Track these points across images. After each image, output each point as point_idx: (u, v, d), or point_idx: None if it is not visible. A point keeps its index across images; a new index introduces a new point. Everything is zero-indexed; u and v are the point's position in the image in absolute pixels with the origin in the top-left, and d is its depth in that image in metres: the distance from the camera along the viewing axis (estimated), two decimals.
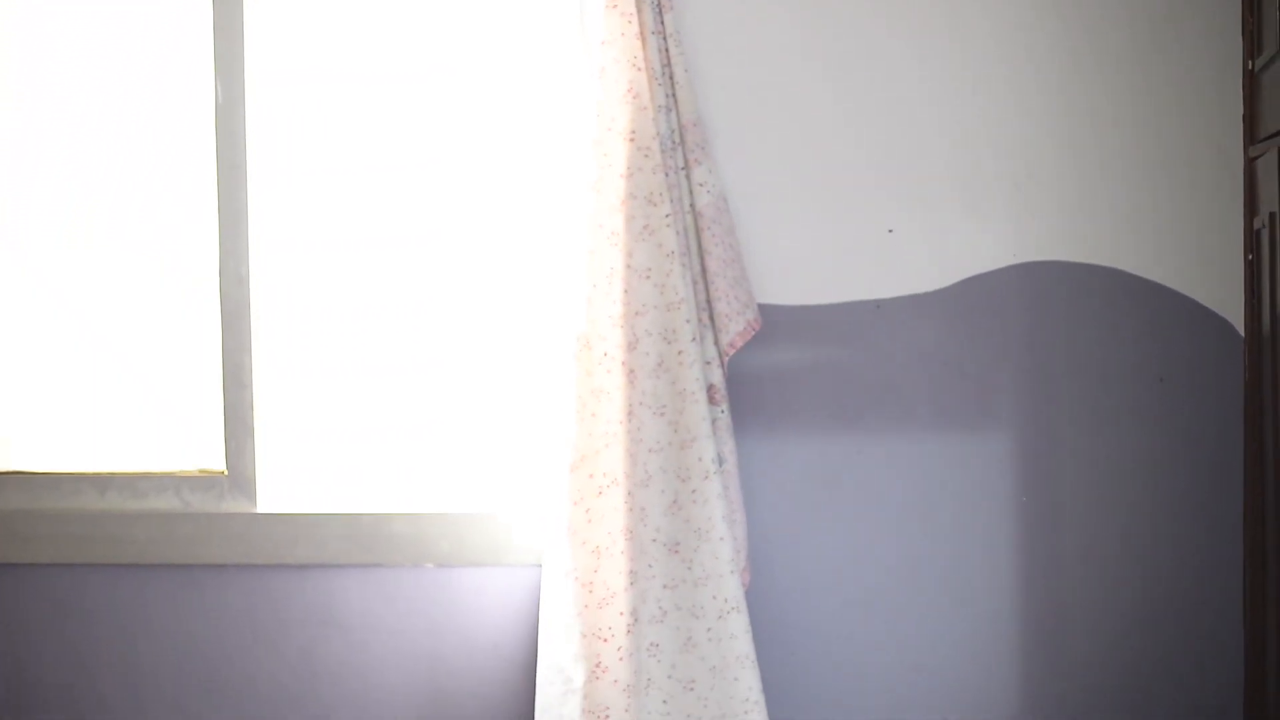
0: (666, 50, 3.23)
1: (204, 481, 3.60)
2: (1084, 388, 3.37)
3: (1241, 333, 3.31)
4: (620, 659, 3.06)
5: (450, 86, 3.53)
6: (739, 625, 3.15)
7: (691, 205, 3.26)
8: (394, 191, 3.56)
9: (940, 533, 3.41)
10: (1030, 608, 3.40)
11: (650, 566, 3.16)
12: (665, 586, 3.18)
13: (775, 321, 3.41)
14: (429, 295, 3.57)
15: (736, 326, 3.28)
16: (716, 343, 3.27)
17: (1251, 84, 3.22)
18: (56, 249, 3.66)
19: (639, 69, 3.18)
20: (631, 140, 3.17)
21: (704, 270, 3.26)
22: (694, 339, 3.17)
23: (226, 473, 3.59)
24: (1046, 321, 3.38)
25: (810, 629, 3.45)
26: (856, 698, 3.45)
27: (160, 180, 3.61)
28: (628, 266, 3.16)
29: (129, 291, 3.65)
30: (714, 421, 3.23)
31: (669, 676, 3.18)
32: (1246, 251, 3.27)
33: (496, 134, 3.52)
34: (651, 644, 3.16)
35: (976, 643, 3.42)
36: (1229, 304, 3.33)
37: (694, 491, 3.17)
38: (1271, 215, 3.05)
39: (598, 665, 3.08)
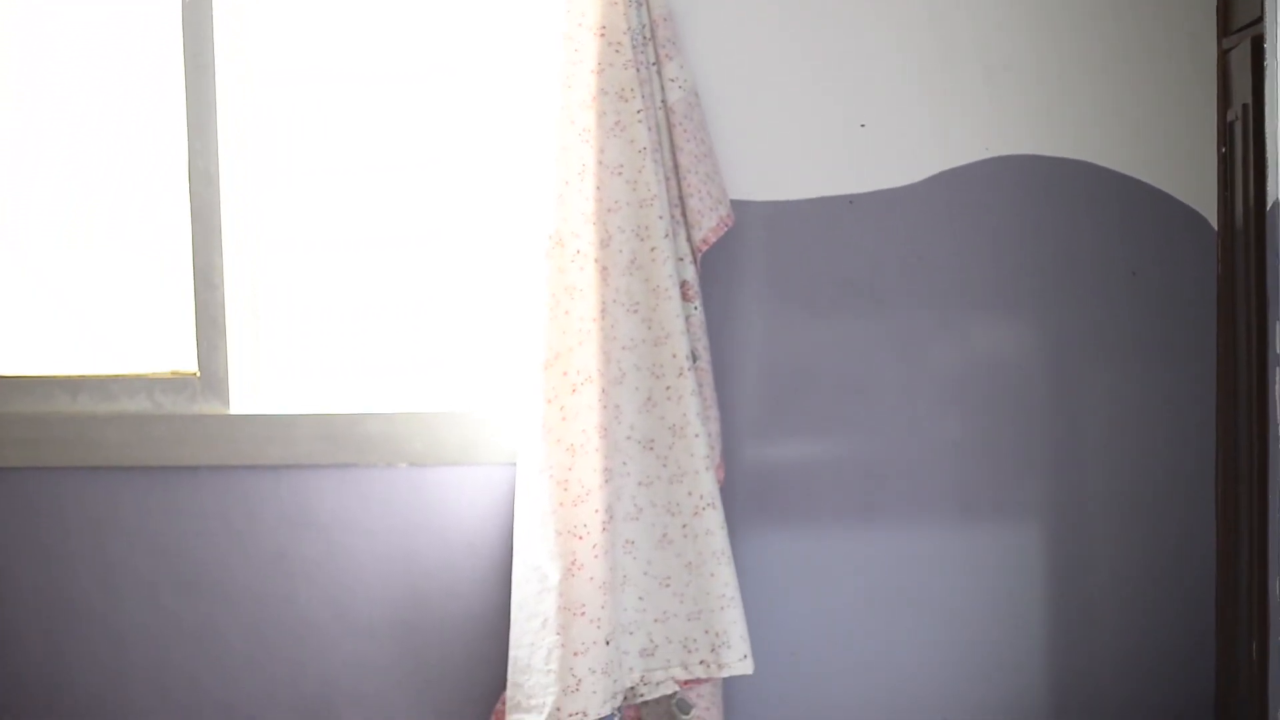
0: None
1: (176, 383, 3.59)
2: (1056, 281, 3.37)
3: (1214, 226, 3.31)
4: (596, 556, 3.07)
5: None
6: (714, 521, 3.16)
7: (663, 101, 3.24)
8: (365, 89, 3.53)
9: (916, 423, 3.42)
10: (1001, 494, 3.41)
11: (625, 464, 3.16)
12: (640, 483, 3.18)
13: (748, 217, 3.40)
14: (400, 194, 3.55)
15: (709, 223, 3.27)
16: (689, 239, 3.27)
17: None
18: (24, 149, 3.63)
19: None
20: (602, 35, 3.14)
21: (676, 166, 3.25)
22: (666, 235, 3.16)
23: (199, 374, 3.58)
24: (1019, 215, 3.37)
25: (783, 522, 3.46)
26: (830, 591, 3.47)
27: (124, 78, 3.57)
28: (599, 163, 3.15)
29: (98, 191, 3.62)
30: (687, 318, 3.23)
31: (645, 573, 3.19)
32: (1220, 144, 3.26)
33: (464, 27, 3.49)
34: (627, 541, 3.16)
35: (955, 533, 3.43)
36: (1202, 197, 3.33)
37: (668, 388, 3.17)
38: (1245, 107, 3.04)
39: (573, 562, 3.08)
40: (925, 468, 3.42)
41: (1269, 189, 2.81)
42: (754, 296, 3.43)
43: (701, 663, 3.19)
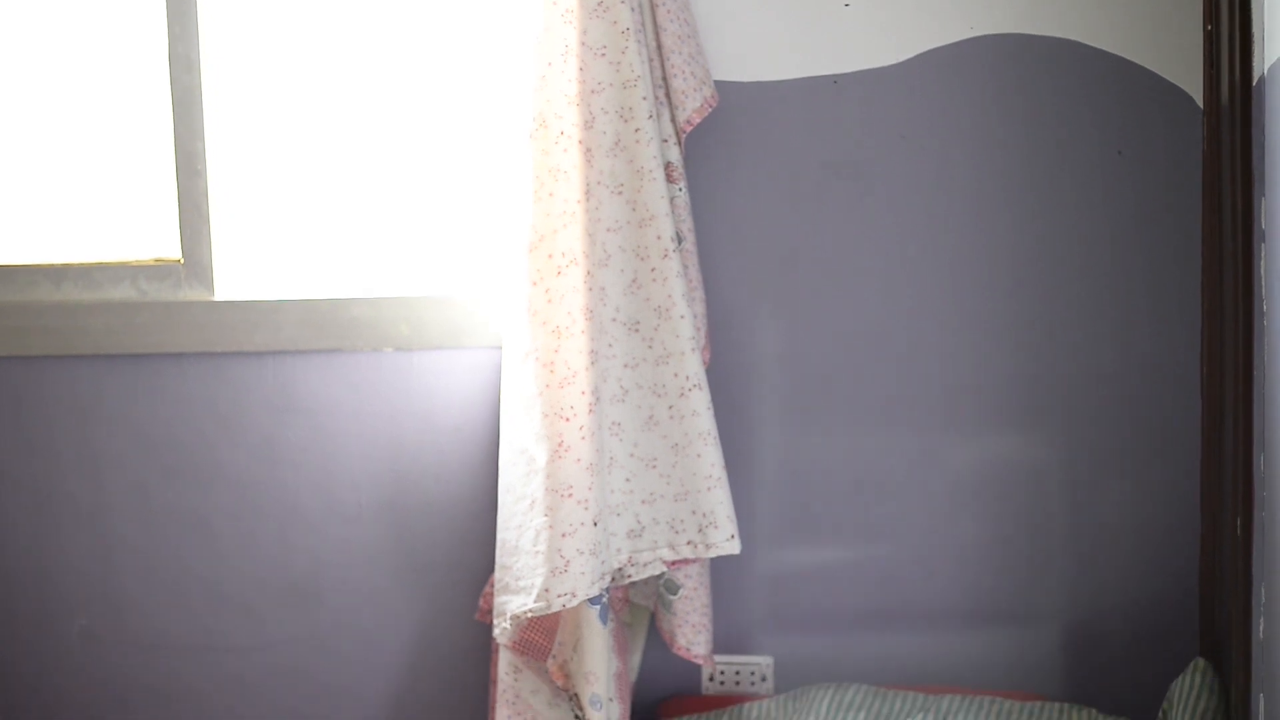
0: None
1: (160, 270, 3.58)
2: (1043, 162, 3.36)
3: (1200, 105, 3.30)
4: (582, 438, 3.07)
5: None
6: (700, 402, 3.16)
7: None
8: None
9: (900, 303, 3.42)
10: (988, 368, 3.42)
11: (611, 346, 3.16)
12: (626, 365, 3.18)
13: (732, 99, 3.38)
14: (384, 77, 3.53)
15: (693, 104, 3.26)
16: (673, 120, 3.25)
17: None
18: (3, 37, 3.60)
19: None
20: None
21: (659, 47, 3.23)
22: (650, 116, 3.15)
23: (183, 261, 3.57)
24: (1004, 95, 3.36)
25: (770, 406, 3.47)
26: (815, 473, 3.48)
27: None
28: (582, 44, 3.13)
29: (81, 78, 3.59)
30: (672, 200, 3.22)
31: (631, 455, 3.19)
32: (1205, 21, 3.24)
33: None
34: (614, 423, 3.17)
35: (945, 403, 3.44)
36: (1188, 75, 3.31)
37: (653, 270, 3.16)
38: None
39: (560, 445, 3.09)
40: (911, 346, 3.42)
41: (1254, 65, 2.81)
42: (738, 178, 3.42)
43: (689, 543, 3.20)
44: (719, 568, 3.47)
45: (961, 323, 3.41)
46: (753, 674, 3.54)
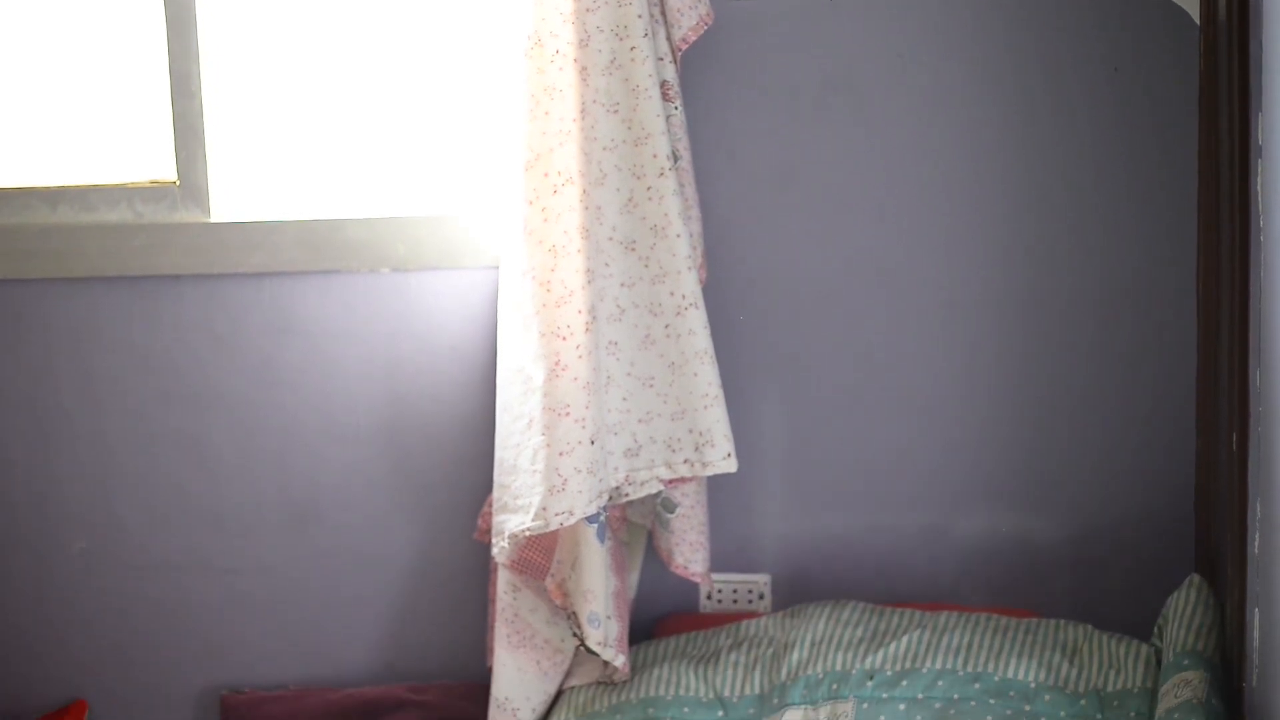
0: None
1: (156, 192, 3.57)
2: (1039, 80, 3.35)
3: (1197, 21, 3.28)
4: (579, 356, 3.08)
5: None
6: (697, 321, 3.16)
7: None
8: None
9: (897, 221, 3.42)
10: (983, 286, 3.42)
11: (607, 265, 3.16)
12: (623, 284, 3.18)
13: (728, 15, 3.37)
14: None
15: (688, 21, 3.25)
16: (669, 38, 3.24)
17: None
18: None
19: None
20: None
21: None
22: (646, 34, 3.13)
23: (178, 183, 3.56)
24: (1001, 12, 3.34)
25: (767, 325, 3.47)
26: (812, 391, 3.49)
27: None
28: None
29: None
30: (668, 118, 3.21)
31: (628, 374, 3.20)
32: None
33: None
34: (610, 342, 3.17)
35: (940, 319, 3.44)
36: None
37: (649, 189, 3.16)
38: None
39: (557, 363, 3.09)
40: (907, 263, 3.42)
41: None
42: (734, 97, 3.41)
43: (686, 462, 3.21)
44: (716, 486, 3.48)
45: (957, 239, 3.41)
46: (750, 592, 3.56)
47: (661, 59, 3.21)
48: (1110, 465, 3.43)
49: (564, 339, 3.09)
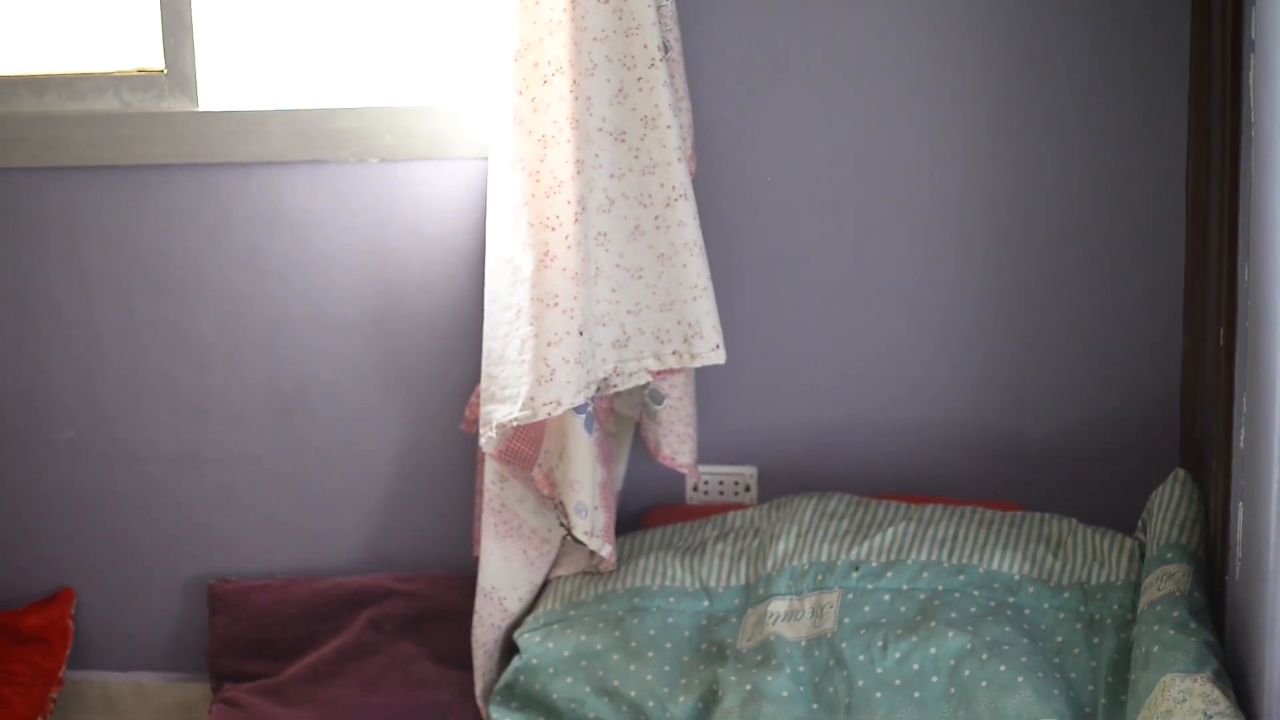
0: None
1: (143, 81, 3.55)
2: None
3: None
4: (568, 247, 3.07)
5: None
6: (686, 212, 3.15)
7: None
8: None
9: (887, 115, 3.40)
10: (970, 184, 3.42)
11: (597, 155, 3.15)
12: (612, 175, 3.17)
13: None
14: None
15: None
16: None
17: None
18: None
19: None
20: None
21: None
22: None
23: (166, 72, 3.54)
24: None
25: (756, 218, 3.47)
26: (802, 284, 3.49)
27: None
28: None
29: None
30: (659, 8, 3.18)
31: (617, 265, 3.19)
32: None
33: None
34: (600, 233, 3.16)
35: (930, 214, 3.44)
36: None
37: (640, 80, 3.14)
38: None
39: (546, 254, 3.08)
40: (897, 158, 3.42)
41: None
42: None
43: (674, 353, 3.21)
44: (704, 378, 3.49)
45: (947, 135, 3.40)
46: (736, 484, 3.58)
47: None
48: (1097, 360, 3.44)
49: (553, 229, 3.08)
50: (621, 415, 3.50)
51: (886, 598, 3.15)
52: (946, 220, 3.43)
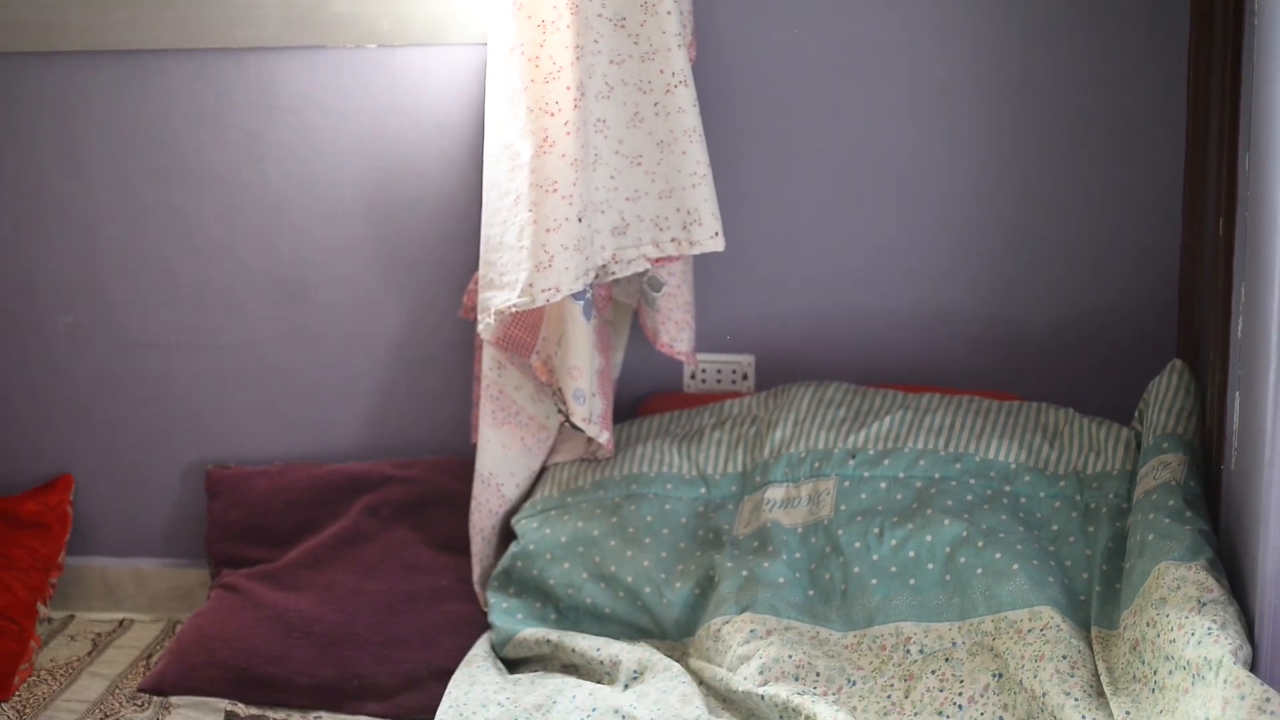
0: None
1: None
2: None
3: None
4: (567, 133, 3.06)
5: None
6: (686, 99, 3.14)
7: None
8: None
9: (891, 8, 3.38)
10: (979, 76, 3.40)
11: (596, 41, 3.13)
12: (612, 61, 3.15)
13: None
14: None
15: None
16: None
17: None
18: None
19: None
20: None
21: None
22: None
23: None
24: None
25: (756, 105, 3.46)
26: (801, 172, 3.48)
27: None
28: None
29: None
30: None
31: (616, 152, 3.18)
32: None
33: None
34: (599, 119, 3.15)
35: (932, 103, 3.43)
36: None
37: None
38: None
39: (545, 140, 3.07)
40: (899, 46, 3.40)
41: None
42: None
43: (673, 240, 3.20)
44: (703, 266, 3.48)
45: (950, 23, 3.38)
46: (734, 372, 3.58)
47: None
48: (1095, 251, 3.44)
49: (552, 115, 3.07)
50: (620, 303, 3.50)
51: (883, 485, 3.16)
52: (946, 110, 3.42)
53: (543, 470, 3.42)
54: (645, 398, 3.59)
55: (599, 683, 3.06)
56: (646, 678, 3.01)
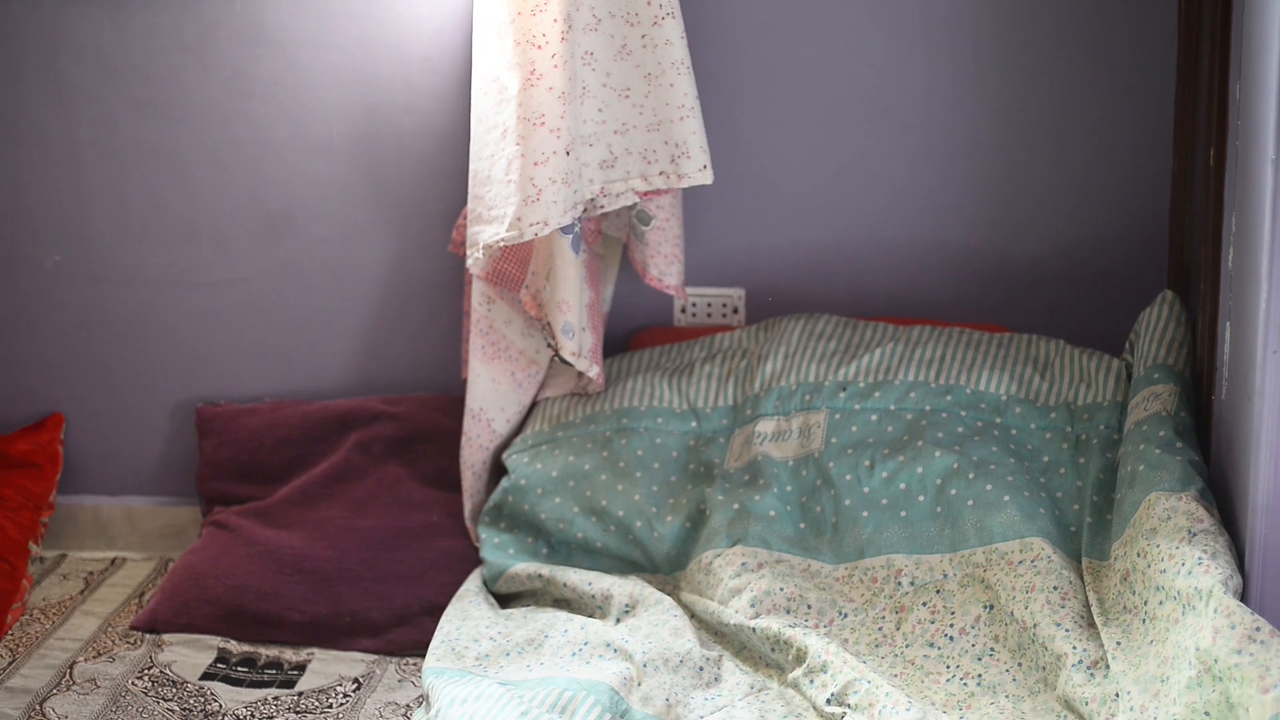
0: None
1: None
2: None
3: None
4: (555, 66, 3.03)
5: None
6: (674, 30, 3.12)
7: None
8: None
9: None
10: (969, 12, 3.38)
11: None
12: None
13: None
14: None
15: None
16: None
17: None
18: None
19: None
20: None
21: None
22: None
23: None
24: None
25: (744, 35, 3.44)
26: (791, 104, 3.47)
27: None
28: None
29: None
30: None
31: (604, 85, 3.15)
32: None
33: None
34: (586, 52, 3.12)
35: (918, 41, 3.41)
36: None
37: None
38: None
39: (532, 72, 3.05)
40: None
41: None
42: None
43: (661, 174, 3.18)
44: (692, 199, 3.47)
45: None
46: (724, 306, 3.57)
47: None
48: (1086, 182, 3.43)
49: (539, 47, 3.05)
50: (609, 237, 3.48)
51: (874, 418, 3.16)
52: (935, 41, 3.40)
53: (533, 405, 3.41)
54: (635, 332, 3.59)
55: (590, 617, 3.06)
56: (638, 611, 3.01)
